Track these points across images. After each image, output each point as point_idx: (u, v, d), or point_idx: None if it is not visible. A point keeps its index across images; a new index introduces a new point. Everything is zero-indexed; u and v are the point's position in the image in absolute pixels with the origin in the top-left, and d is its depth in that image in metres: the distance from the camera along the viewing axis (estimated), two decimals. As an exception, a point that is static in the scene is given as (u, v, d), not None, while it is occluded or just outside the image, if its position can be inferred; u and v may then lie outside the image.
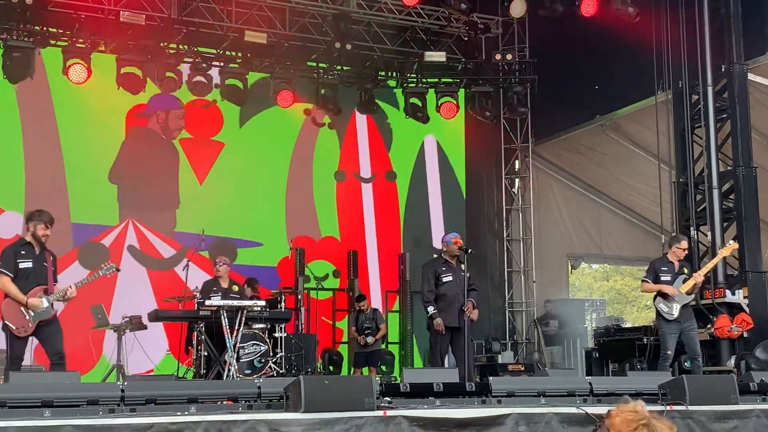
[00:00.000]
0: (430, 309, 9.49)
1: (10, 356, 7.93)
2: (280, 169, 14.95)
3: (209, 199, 14.21)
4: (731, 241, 10.41)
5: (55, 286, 8.15)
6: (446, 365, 9.71)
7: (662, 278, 9.65)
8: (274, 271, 14.35)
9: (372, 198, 15.59)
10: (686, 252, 9.88)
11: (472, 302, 9.50)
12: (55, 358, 8.02)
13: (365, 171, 15.63)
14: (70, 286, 8.10)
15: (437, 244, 15.49)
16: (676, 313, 9.51)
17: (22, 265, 8.02)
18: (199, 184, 14.31)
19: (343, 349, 14.18)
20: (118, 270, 8.86)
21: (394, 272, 15.06)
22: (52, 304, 8.04)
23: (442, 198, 16.09)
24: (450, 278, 9.55)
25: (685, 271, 9.82)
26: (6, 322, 7.94)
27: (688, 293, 9.62)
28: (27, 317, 7.89)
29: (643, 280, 9.94)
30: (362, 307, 13.09)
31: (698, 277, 9.70)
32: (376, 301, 14.80)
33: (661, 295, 9.60)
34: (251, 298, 11.13)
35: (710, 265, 10.34)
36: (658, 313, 9.61)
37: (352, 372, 13.23)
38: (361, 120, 15.59)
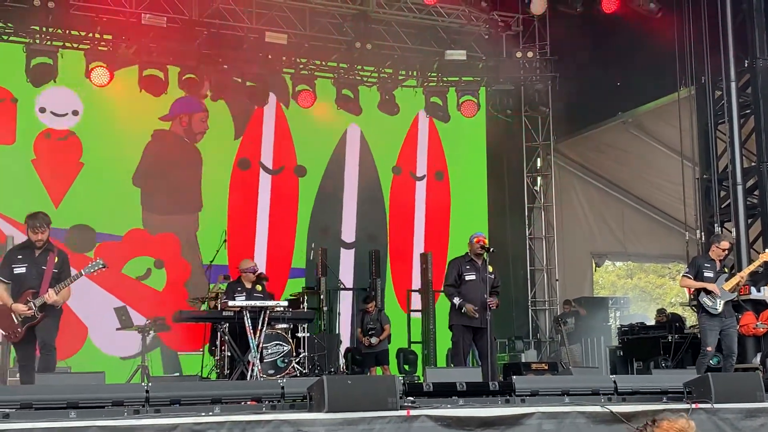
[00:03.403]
0: (456, 300, 9.47)
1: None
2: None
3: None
4: None
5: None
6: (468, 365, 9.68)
7: (705, 275, 9.56)
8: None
9: (269, 191, 14.73)
10: (726, 252, 9.77)
11: (496, 301, 9.54)
12: (42, 349, 7.85)
13: (267, 161, 14.79)
14: (48, 292, 7.77)
15: (346, 237, 15.31)
16: (720, 307, 9.42)
17: (16, 271, 7.89)
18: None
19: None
20: (104, 266, 8.25)
21: (285, 270, 14.45)
22: (39, 308, 7.77)
23: (359, 190, 15.34)
24: (473, 277, 9.50)
25: (726, 270, 9.77)
26: None
27: (731, 291, 9.55)
28: (16, 322, 7.76)
29: (684, 275, 9.89)
30: (369, 309, 13.00)
31: (742, 276, 9.65)
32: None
33: (705, 289, 9.55)
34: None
35: (754, 265, 10.19)
36: (702, 308, 9.52)
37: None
38: (269, 111, 14.70)
